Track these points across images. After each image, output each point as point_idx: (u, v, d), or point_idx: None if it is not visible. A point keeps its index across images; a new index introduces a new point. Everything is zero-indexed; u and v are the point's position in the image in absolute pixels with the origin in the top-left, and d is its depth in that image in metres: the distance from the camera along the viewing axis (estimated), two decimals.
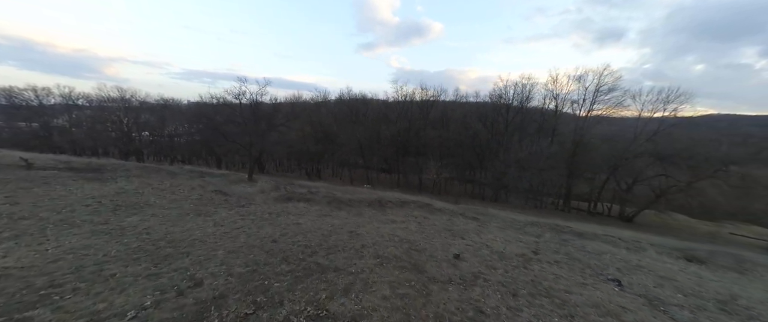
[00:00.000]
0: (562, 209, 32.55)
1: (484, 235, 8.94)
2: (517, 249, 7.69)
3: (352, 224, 7.96)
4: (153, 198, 8.58)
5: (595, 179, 33.10)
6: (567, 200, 32.32)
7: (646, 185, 28.80)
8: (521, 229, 11.86)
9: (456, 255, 6.08)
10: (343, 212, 9.96)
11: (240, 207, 8.81)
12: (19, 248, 4.11)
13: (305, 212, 9.17)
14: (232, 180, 17.22)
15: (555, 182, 26.96)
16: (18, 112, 36.73)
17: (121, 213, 6.62)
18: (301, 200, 12.15)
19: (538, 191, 29.93)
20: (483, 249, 7.08)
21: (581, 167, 29.69)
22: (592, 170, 30.25)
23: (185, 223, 6.30)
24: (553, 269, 6.40)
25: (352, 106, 42.99)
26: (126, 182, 10.38)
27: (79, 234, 4.91)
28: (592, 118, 31.17)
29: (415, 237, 7.23)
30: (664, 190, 26.14)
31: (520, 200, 34.74)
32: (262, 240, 5.54)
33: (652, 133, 25.80)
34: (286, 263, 4.52)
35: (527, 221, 14.50)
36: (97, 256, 4.05)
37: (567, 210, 31.98)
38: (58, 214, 5.96)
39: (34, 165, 11.61)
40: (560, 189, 31.98)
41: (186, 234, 5.44)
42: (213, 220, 6.76)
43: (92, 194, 7.98)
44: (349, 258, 5.02)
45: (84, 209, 6.49)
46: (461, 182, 38.61)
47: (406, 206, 13.87)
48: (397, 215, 10.40)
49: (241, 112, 17.30)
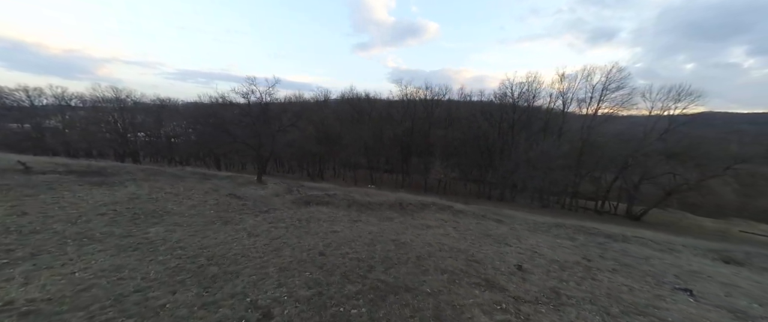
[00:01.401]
0: (570, 208, 32.36)
1: (525, 240, 8.42)
2: (567, 256, 7.19)
3: (389, 230, 7.37)
4: (170, 204, 7.89)
5: (601, 178, 33.00)
6: (574, 199, 32.11)
7: (653, 183, 28.72)
8: (548, 231, 11.39)
9: (518, 266, 5.54)
10: (371, 217, 9.37)
11: (265, 213, 8.16)
12: (40, 271, 3.45)
13: (333, 217, 8.56)
14: (241, 182, 16.50)
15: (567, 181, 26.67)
16: (9, 113, 35.32)
17: (141, 223, 5.95)
18: (320, 203, 11.53)
19: (549, 190, 29.63)
20: (536, 257, 6.56)
21: (590, 166, 29.48)
22: (601, 168, 30.07)
23: (216, 233, 5.65)
24: (619, 279, 5.90)
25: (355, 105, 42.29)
26: (136, 186, 9.65)
27: (104, 251, 4.25)
28: (600, 117, 30.96)
29: (462, 245, 6.68)
30: (674, 188, 26.00)
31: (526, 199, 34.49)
32: (308, 253, 4.93)
33: (662, 132, 25.62)
34: (350, 283, 3.92)
35: (551, 223, 14.03)
36: (135, 280, 3.41)
37: (575, 209, 31.80)
38: (74, 225, 5.27)
39: (32, 169, 10.79)
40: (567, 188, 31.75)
41: (224, 248, 4.80)
42: (244, 229, 6.12)
43: (104, 201, 7.26)
44: (414, 274, 4.44)
45: (100, 219, 5.80)
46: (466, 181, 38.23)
47: (427, 208, 13.32)
48: (428, 219, 9.84)
49: (249, 112, 16.56)
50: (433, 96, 39.80)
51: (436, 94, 39.93)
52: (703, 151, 24.38)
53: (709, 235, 22.44)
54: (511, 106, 33.59)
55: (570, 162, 27.33)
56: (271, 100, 17.31)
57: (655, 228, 23.03)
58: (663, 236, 15.40)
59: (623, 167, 26.49)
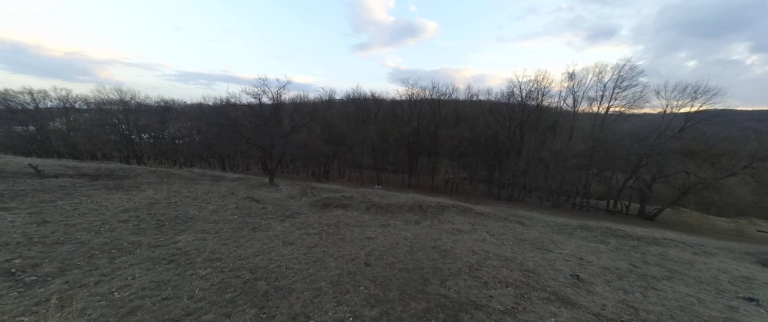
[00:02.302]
0: (580, 208, 31.86)
1: (562, 245, 8.01)
2: (613, 262, 6.78)
3: (423, 236, 6.98)
4: (191, 209, 7.52)
5: (612, 178, 32.47)
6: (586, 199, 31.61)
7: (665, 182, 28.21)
8: (573, 233, 10.99)
9: (576, 275, 5.14)
10: (396, 221, 8.97)
11: (290, 218, 7.78)
12: (74, 290, 3.08)
13: (361, 222, 8.17)
14: (253, 185, 16.18)
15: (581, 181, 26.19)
16: (14, 115, 35.13)
17: (167, 230, 5.58)
18: (339, 206, 11.17)
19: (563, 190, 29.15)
20: (585, 264, 6.15)
21: (602, 165, 28.98)
22: (614, 167, 29.56)
23: (248, 241, 5.28)
24: (680, 288, 5.49)
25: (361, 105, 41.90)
26: (153, 190, 9.29)
27: (137, 264, 3.87)
28: (610, 115, 30.44)
29: (506, 251, 6.28)
30: (690, 187, 25.47)
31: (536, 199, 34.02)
32: (353, 264, 4.55)
33: (678, 129, 25.10)
34: (412, 299, 3.54)
35: (574, 225, 13.58)
36: (181, 300, 3.03)
37: (586, 209, 31.30)
38: (98, 234, 4.90)
39: (43, 172, 10.46)
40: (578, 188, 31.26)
41: (264, 259, 4.42)
42: (277, 237, 5.74)
43: (124, 207, 6.90)
44: (475, 287, 4.05)
45: (124, 227, 5.44)
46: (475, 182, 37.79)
47: (447, 210, 12.92)
48: (457, 223, 9.44)
49: (261, 112, 16.20)
50: (440, 96, 39.39)
51: (442, 94, 39.53)
52: (724, 150, 23.84)
53: (726, 235, 21.94)
54: (520, 105, 33.10)
55: (583, 161, 26.84)
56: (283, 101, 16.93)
57: (672, 228, 22.56)
58: (689, 238, 14.96)
59: (638, 165, 25.97)
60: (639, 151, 26.82)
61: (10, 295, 2.90)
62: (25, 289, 3.03)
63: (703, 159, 24.48)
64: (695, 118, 24.90)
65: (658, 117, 29.80)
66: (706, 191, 24.95)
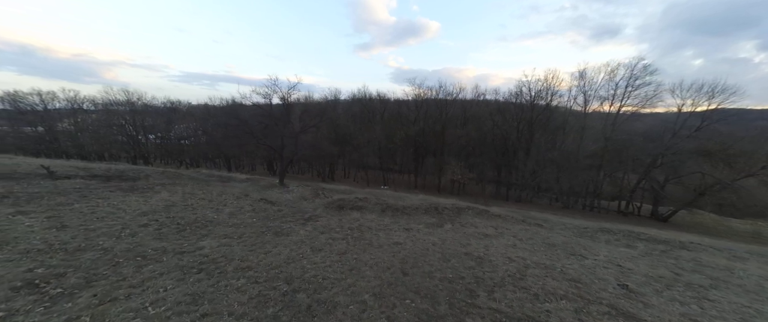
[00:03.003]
0: (591, 209, 31.33)
1: (594, 250, 7.66)
2: (651, 269, 6.42)
3: (451, 241, 6.68)
4: (208, 212, 7.29)
5: (623, 178, 31.89)
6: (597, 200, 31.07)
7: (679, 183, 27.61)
8: (595, 236, 10.63)
9: (623, 285, 4.82)
10: (418, 224, 8.68)
11: (311, 221, 7.52)
12: (104, 304, 2.83)
13: (383, 225, 7.90)
14: (264, 185, 16.00)
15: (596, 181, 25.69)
16: (23, 116, 35.37)
17: (189, 235, 5.34)
18: (354, 208, 10.91)
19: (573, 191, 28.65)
20: (628, 273, 5.81)
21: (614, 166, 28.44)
22: (626, 168, 29.01)
23: (275, 247, 5.01)
24: (733, 299, 5.14)
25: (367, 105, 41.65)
26: (167, 192, 9.09)
27: (166, 273, 3.62)
28: (622, 115, 29.86)
29: (542, 258, 5.96)
30: (706, 188, 24.87)
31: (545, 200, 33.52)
32: (390, 273, 4.27)
33: (694, 129, 24.51)
34: (465, 314, 3.25)
35: (595, 227, 13.18)
36: (222, 316, 2.77)
37: (597, 210, 30.77)
38: (120, 240, 4.67)
39: (56, 173, 10.32)
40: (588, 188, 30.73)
41: (296, 267, 4.16)
42: (303, 242, 5.48)
43: (141, 209, 6.69)
44: (526, 300, 3.75)
45: (145, 232, 5.21)
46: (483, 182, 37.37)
47: (464, 212, 12.61)
48: (479, 226, 9.13)
49: (271, 112, 15.99)
50: (447, 95, 39.02)
51: (449, 93, 39.16)
52: (738, 150, 23.23)
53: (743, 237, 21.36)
54: (529, 104, 32.63)
55: (595, 162, 26.35)
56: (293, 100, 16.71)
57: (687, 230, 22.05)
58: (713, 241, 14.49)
59: (652, 166, 25.42)
60: (653, 152, 26.26)
61: (36, 311, 2.66)
62: (52, 303, 2.79)
63: (719, 159, 23.88)
64: (712, 117, 24.29)
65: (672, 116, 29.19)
66: (723, 192, 24.35)
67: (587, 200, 31.80)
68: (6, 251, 3.80)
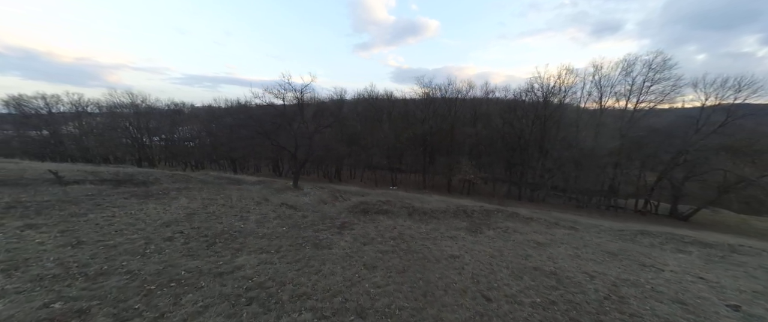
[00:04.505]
0: (607, 208, 30.48)
1: (662, 260, 6.91)
2: (734, 281, 5.70)
3: (509, 252, 5.97)
4: (234, 221, 6.63)
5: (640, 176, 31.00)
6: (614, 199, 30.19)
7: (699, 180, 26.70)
8: (635, 239, 9.95)
9: (735, 307, 4.10)
10: (457, 231, 7.98)
11: (345, 229, 6.83)
12: None
13: (423, 233, 7.19)
14: (278, 188, 15.35)
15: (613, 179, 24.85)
16: (28, 120, 34.97)
17: (222, 250, 4.67)
18: (380, 212, 10.25)
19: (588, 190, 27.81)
20: (721, 289, 5.08)
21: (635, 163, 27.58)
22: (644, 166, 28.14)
23: (324, 265, 4.33)
24: None
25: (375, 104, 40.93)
26: (185, 198, 8.44)
27: (212, 306, 2.94)
28: (640, 111, 28.95)
29: (619, 272, 5.24)
30: (731, 185, 23.97)
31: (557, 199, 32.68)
32: (471, 299, 3.57)
33: (718, 125, 23.60)
34: None
35: (633, 230, 12.45)
36: None
37: (614, 209, 29.93)
38: (146, 259, 4.00)
39: (64, 178, 9.70)
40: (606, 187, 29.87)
41: (361, 294, 3.47)
42: (351, 257, 4.79)
43: (162, 218, 6.03)
44: None
45: (172, 247, 4.54)
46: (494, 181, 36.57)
47: (493, 215, 11.94)
48: (527, 233, 8.41)
49: (284, 112, 15.34)
50: (456, 93, 38.21)
51: (458, 91, 38.33)
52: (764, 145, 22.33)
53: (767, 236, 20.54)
54: (542, 101, 31.75)
55: (612, 160, 25.51)
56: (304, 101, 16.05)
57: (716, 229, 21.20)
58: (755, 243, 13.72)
59: (674, 163, 24.54)
60: (672, 149, 25.38)
61: None
62: None
63: (745, 156, 22.98)
64: (737, 112, 23.37)
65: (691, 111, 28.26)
66: (749, 190, 23.44)
67: (602, 199, 30.96)
68: (16, 278, 3.14)
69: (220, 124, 41.50)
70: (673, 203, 28.90)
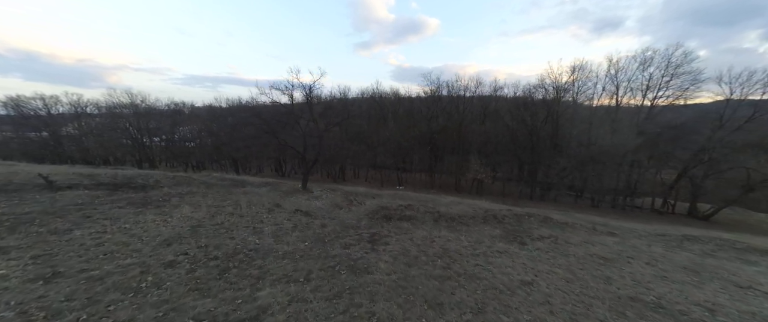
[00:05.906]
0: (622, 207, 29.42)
1: (748, 277, 5.88)
2: None
3: (586, 275, 4.91)
4: (247, 234, 5.62)
5: (658, 174, 29.93)
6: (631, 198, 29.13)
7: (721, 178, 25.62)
8: (682, 245, 8.93)
9: None
10: (503, 243, 6.96)
11: (379, 245, 5.81)
12: None
13: (467, 248, 6.17)
14: (287, 191, 14.33)
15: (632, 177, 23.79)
16: (27, 122, 34.09)
17: (238, 281, 3.67)
18: (403, 218, 9.24)
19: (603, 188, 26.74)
20: None
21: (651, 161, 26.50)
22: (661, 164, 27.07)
23: (375, 304, 3.32)
24: None
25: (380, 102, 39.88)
26: (188, 206, 7.43)
27: None
28: (657, 107, 27.81)
29: (724, 300, 4.23)
30: (756, 183, 22.88)
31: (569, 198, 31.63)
32: None
33: (744, 120, 22.49)
34: None
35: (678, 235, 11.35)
36: None
37: (631, 209, 28.87)
38: (142, 299, 3.01)
39: (55, 183, 8.72)
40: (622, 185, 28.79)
41: None
42: (405, 289, 3.78)
43: (162, 235, 5.03)
44: None
45: (175, 278, 3.54)
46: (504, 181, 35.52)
47: (524, 220, 10.89)
48: (587, 246, 7.37)
49: (291, 110, 14.33)
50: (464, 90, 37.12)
51: (466, 88, 37.24)
52: None
53: None
54: (554, 98, 30.65)
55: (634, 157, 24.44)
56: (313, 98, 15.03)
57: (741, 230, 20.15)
58: None
59: (698, 160, 23.45)
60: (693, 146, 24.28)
61: None
62: None
63: None
64: (765, 107, 22.25)
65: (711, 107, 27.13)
66: None
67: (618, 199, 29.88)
68: None
69: (221, 123, 40.51)
70: (691, 202, 27.85)
